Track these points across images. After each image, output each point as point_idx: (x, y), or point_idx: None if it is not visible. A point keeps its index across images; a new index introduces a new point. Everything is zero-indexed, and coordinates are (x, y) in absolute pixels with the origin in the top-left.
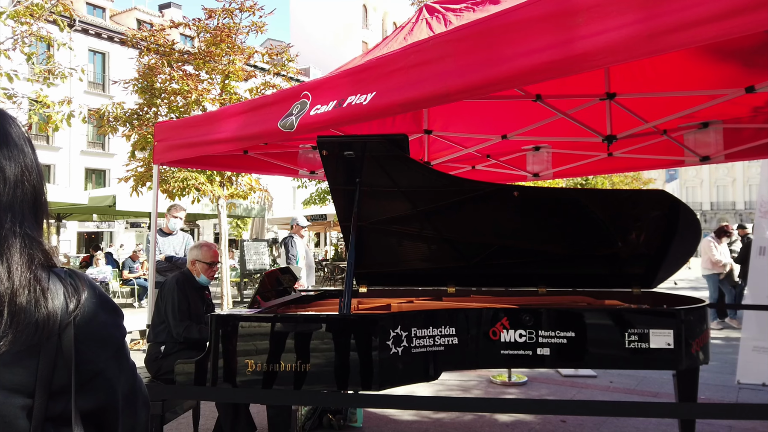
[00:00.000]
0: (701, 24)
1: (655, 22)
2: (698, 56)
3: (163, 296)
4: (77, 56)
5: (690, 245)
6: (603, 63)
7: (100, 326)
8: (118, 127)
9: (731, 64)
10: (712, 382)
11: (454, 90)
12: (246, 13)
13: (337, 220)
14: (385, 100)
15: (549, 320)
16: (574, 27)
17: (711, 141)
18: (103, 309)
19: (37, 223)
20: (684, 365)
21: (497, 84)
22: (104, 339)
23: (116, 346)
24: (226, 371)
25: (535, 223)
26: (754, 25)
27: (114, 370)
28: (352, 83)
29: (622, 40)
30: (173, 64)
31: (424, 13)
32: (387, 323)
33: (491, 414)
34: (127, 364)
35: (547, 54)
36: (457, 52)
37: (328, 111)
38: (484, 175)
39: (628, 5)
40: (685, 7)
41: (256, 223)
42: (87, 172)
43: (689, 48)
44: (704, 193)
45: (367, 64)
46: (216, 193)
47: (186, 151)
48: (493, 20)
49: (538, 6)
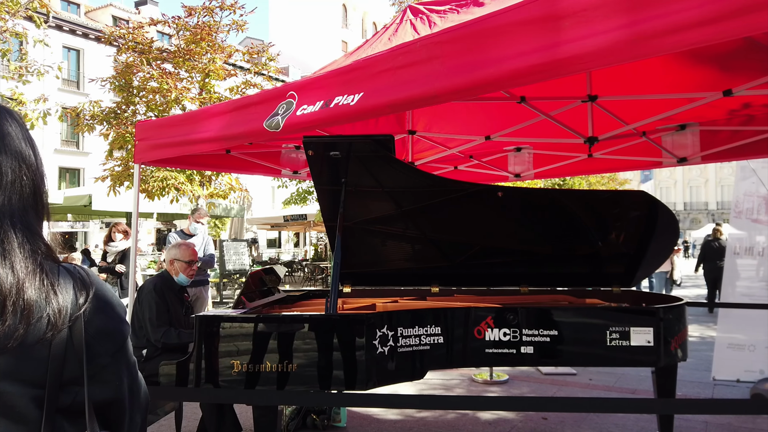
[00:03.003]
0: (684, 30)
1: (639, 27)
2: (678, 60)
3: (140, 301)
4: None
5: (668, 244)
6: (588, 67)
7: (107, 321)
8: (95, 126)
9: (709, 68)
10: (689, 378)
11: (442, 92)
12: (227, 12)
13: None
14: (373, 101)
15: (533, 319)
16: (561, 31)
17: (688, 143)
18: (110, 305)
19: (38, 218)
20: (663, 362)
21: (485, 86)
22: (111, 333)
23: (122, 341)
24: (210, 372)
25: (518, 223)
26: (734, 32)
27: (117, 365)
28: (339, 84)
29: (607, 45)
30: (152, 62)
31: (408, 14)
32: (374, 323)
33: (474, 412)
34: (129, 360)
35: (534, 57)
36: (444, 54)
37: (315, 111)
38: (467, 175)
39: (613, 10)
40: (668, 13)
41: (235, 223)
42: (61, 171)
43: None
44: (678, 193)
45: (355, 65)
46: (196, 193)
47: (168, 151)
48: (481, 23)
49: (526, 9)
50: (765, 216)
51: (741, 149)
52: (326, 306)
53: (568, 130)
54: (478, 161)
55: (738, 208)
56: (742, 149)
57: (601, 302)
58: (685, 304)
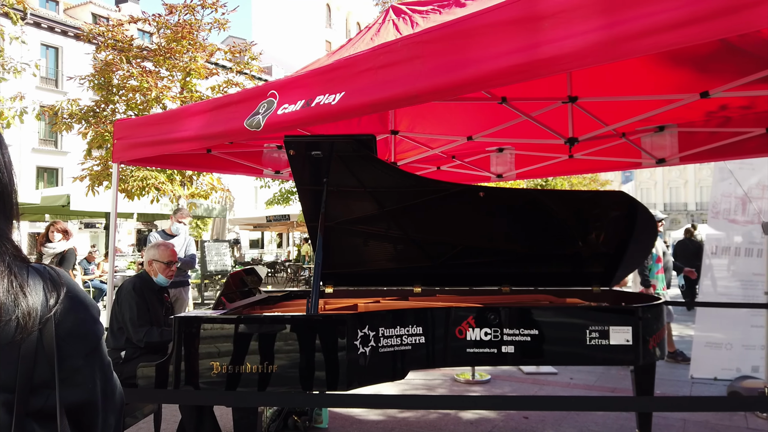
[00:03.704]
0: (660, 32)
1: (616, 29)
2: (657, 62)
3: (120, 302)
4: (30, 50)
5: (647, 245)
6: (568, 67)
7: (79, 322)
8: (73, 125)
9: (688, 70)
10: (667, 377)
11: (423, 92)
12: (208, 10)
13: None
14: (354, 100)
15: (514, 319)
16: (540, 32)
17: (666, 144)
18: (82, 305)
19: (6, 219)
20: (642, 361)
21: (465, 86)
22: (84, 335)
23: (95, 343)
24: (190, 373)
25: (500, 224)
26: (709, 34)
27: (91, 367)
28: (321, 83)
29: (586, 46)
30: (132, 60)
31: (390, 14)
32: (355, 323)
33: (456, 412)
34: (103, 362)
35: (514, 58)
36: (425, 54)
37: (296, 110)
38: (449, 175)
39: (592, 12)
40: (645, 15)
41: (217, 223)
42: (38, 170)
43: (648, 54)
44: (658, 194)
45: (336, 64)
46: (176, 193)
47: (147, 150)
48: (462, 23)
49: (506, 10)
50: (742, 216)
51: (718, 150)
52: (307, 306)
53: (549, 131)
54: (460, 161)
55: (716, 209)
56: (720, 150)
57: (581, 302)
58: (663, 304)
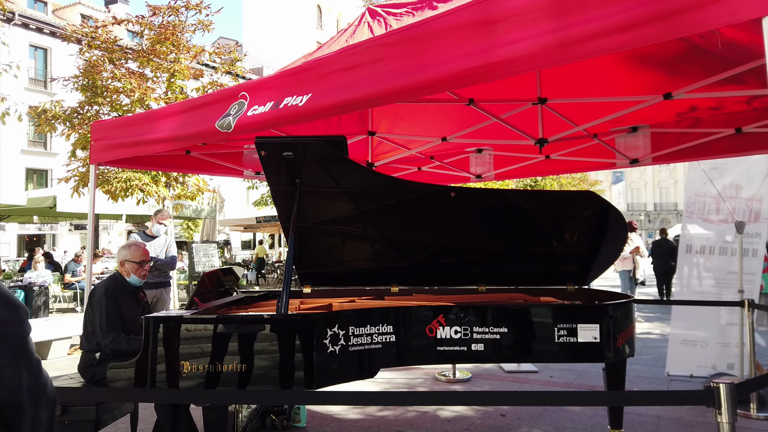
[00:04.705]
0: (608, 35)
1: (564, 32)
2: (625, 64)
3: (92, 305)
4: (15, 52)
5: (619, 243)
6: (520, 70)
7: (1, 323)
8: (57, 126)
9: (655, 72)
10: (645, 374)
11: (385, 93)
12: (192, 11)
13: None
14: (321, 101)
15: (483, 317)
16: (495, 35)
17: (640, 144)
18: (3, 306)
19: None
20: (610, 358)
21: (425, 88)
22: (3, 336)
23: (17, 342)
24: (160, 374)
25: (474, 223)
26: (654, 37)
27: (15, 367)
28: (289, 84)
29: (536, 49)
30: (115, 61)
31: (366, 16)
32: (324, 322)
33: (434, 410)
34: (30, 360)
35: (471, 60)
36: (388, 56)
37: (265, 112)
38: (430, 176)
39: (542, 16)
40: (593, 18)
41: (208, 224)
42: (28, 172)
43: (614, 56)
44: (648, 194)
45: (304, 66)
46: (161, 194)
47: (124, 151)
48: (422, 26)
49: (463, 14)
50: (716, 216)
51: (689, 151)
52: (277, 306)
53: (519, 132)
54: (440, 162)
55: (690, 208)
56: (690, 151)
57: (555, 300)
58: (632, 302)
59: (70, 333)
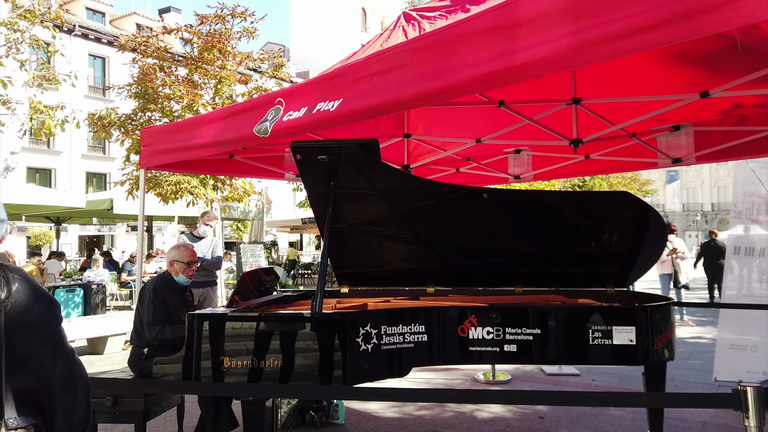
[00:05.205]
0: (625, 37)
1: (584, 35)
2: (661, 61)
3: (142, 302)
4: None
5: (659, 245)
6: (540, 73)
7: (32, 315)
8: (112, 132)
9: (693, 69)
10: (693, 380)
11: (411, 97)
12: (238, 19)
13: None
14: (351, 106)
15: (514, 318)
16: (516, 39)
17: (682, 143)
18: (36, 300)
19: None
20: (647, 361)
21: (449, 92)
22: (36, 326)
23: (49, 333)
24: (202, 367)
25: (509, 224)
26: (670, 38)
27: (46, 355)
28: (322, 90)
29: (557, 52)
30: (165, 69)
31: (401, 20)
32: (356, 321)
33: (471, 411)
34: (62, 350)
35: (493, 64)
36: (413, 62)
37: (299, 117)
38: (468, 177)
39: (563, 19)
40: (612, 20)
41: (256, 225)
42: (88, 175)
43: (650, 54)
44: (705, 193)
45: (336, 72)
46: (209, 197)
47: (171, 156)
48: (446, 31)
49: (485, 19)
50: (765, 216)
51: (734, 149)
52: (312, 305)
53: (552, 132)
54: (477, 164)
55: (737, 209)
56: (736, 149)
57: (593, 302)
58: (670, 304)
59: (125, 329)
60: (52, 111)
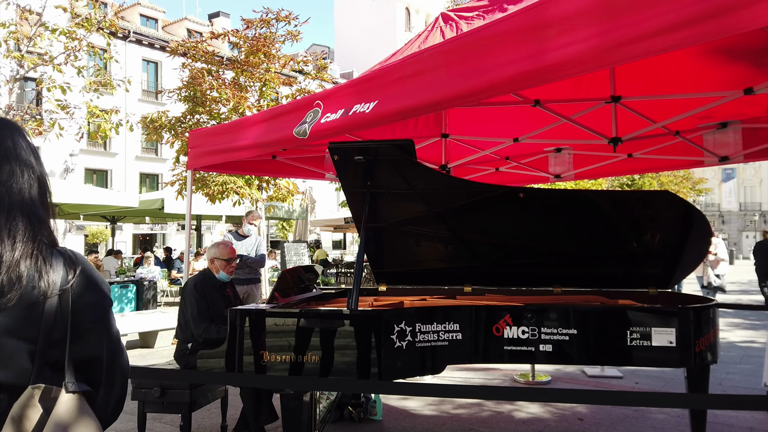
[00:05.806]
0: (653, 36)
1: (613, 35)
2: (704, 58)
3: (184, 299)
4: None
5: (703, 246)
6: (572, 73)
7: (91, 295)
8: (163, 134)
9: (738, 65)
10: (742, 384)
11: (444, 98)
12: (282, 23)
13: None
14: (385, 108)
15: (551, 318)
16: (547, 39)
17: (730, 141)
18: (94, 282)
19: (45, 211)
20: (688, 363)
21: (481, 92)
22: (94, 305)
23: (102, 311)
24: (242, 361)
25: (547, 224)
26: (703, 36)
27: (101, 330)
28: (358, 92)
29: (587, 51)
30: (213, 72)
31: (439, 21)
32: (392, 318)
33: (509, 410)
34: (111, 330)
35: (524, 64)
36: (446, 63)
37: (336, 119)
38: (507, 176)
39: (592, 19)
40: (639, 20)
41: (300, 224)
42: (141, 176)
43: (693, 50)
44: (764, 192)
45: (372, 75)
46: (254, 197)
47: (216, 157)
48: (479, 33)
49: (517, 20)
50: None
51: None
52: (348, 302)
53: (592, 132)
54: (517, 163)
55: None
56: None
57: (634, 303)
58: (712, 306)
59: (174, 324)
60: (108, 115)
